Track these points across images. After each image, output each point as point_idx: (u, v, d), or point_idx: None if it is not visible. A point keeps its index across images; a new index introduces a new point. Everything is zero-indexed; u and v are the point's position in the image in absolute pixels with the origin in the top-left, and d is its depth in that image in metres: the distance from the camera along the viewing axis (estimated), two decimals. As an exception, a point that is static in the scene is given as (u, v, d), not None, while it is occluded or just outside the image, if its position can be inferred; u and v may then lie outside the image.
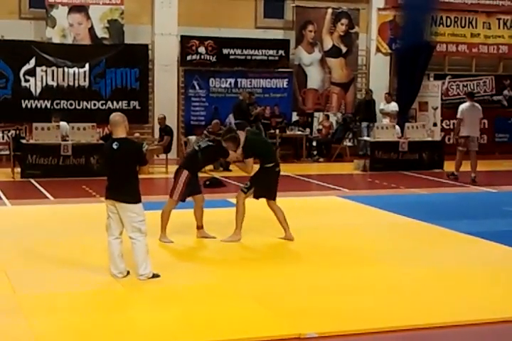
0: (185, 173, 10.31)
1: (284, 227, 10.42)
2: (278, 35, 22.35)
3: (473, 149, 17.67)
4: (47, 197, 14.38)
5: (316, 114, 22.84)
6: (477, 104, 17.89)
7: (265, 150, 10.55)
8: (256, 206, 10.55)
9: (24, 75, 19.74)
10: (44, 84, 19.88)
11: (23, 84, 19.75)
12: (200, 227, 10.58)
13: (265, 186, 10.31)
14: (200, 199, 10.52)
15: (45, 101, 19.90)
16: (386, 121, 21.32)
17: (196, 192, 10.50)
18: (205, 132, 19.01)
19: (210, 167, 17.04)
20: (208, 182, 15.05)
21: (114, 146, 8.37)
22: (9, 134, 19.28)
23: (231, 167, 18.40)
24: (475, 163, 17.63)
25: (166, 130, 18.83)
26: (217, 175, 17.01)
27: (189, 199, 10.51)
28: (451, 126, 23.04)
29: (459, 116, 17.68)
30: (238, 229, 10.29)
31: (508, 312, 7.39)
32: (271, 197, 10.40)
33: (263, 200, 10.42)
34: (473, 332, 7.03)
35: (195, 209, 10.55)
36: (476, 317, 7.27)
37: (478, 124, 17.88)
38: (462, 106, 17.75)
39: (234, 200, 13.17)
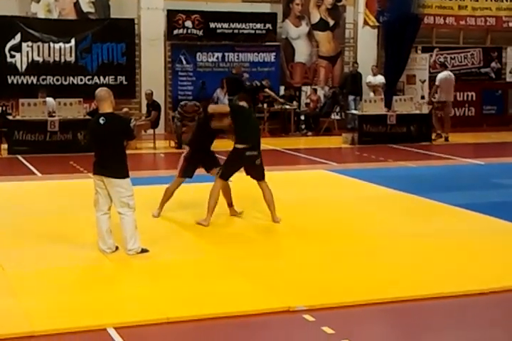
0: (186, 149, 10.38)
1: (269, 209, 10.12)
2: (265, 8, 22.20)
3: (448, 112, 20.05)
4: (34, 173, 14.34)
5: (303, 88, 22.78)
6: (451, 73, 20.37)
7: (248, 124, 10.10)
8: (247, 185, 10.46)
9: (10, 51, 19.56)
10: (30, 59, 19.72)
11: (9, 59, 19.58)
12: (230, 205, 10.45)
13: (232, 167, 9.95)
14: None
15: (31, 77, 19.75)
16: (372, 94, 21.30)
17: (213, 166, 10.28)
18: (178, 110, 18.89)
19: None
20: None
21: (101, 121, 8.33)
22: (-5, 110, 19.16)
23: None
24: (448, 125, 20.04)
25: (153, 105, 18.75)
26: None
27: (200, 174, 10.49)
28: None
29: (437, 83, 19.90)
30: (208, 214, 9.86)
31: (498, 283, 7.43)
32: (253, 177, 10.05)
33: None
34: (461, 302, 7.07)
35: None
36: (465, 288, 7.31)
37: (453, 91, 20.25)
38: (440, 75, 19.99)
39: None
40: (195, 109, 18.44)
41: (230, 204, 10.48)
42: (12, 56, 19.61)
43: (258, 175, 10.08)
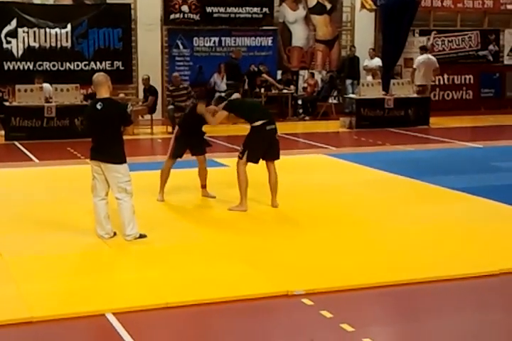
0: (176, 129, 10.50)
1: (271, 193, 10.11)
2: (262, -8, 22.10)
3: (427, 95, 20.09)
4: (32, 160, 14.31)
5: (301, 72, 22.72)
6: (432, 56, 20.51)
7: (249, 108, 10.13)
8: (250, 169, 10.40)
9: (6, 37, 19.49)
10: (26, 45, 19.65)
11: (5, 45, 19.51)
12: (203, 187, 10.73)
13: (257, 147, 9.84)
14: (201, 159, 10.59)
15: (28, 63, 19.68)
16: (369, 78, 21.25)
17: (198, 152, 10.56)
18: (167, 92, 18.97)
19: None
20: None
21: (98, 106, 8.31)
22: (-8, 97, 19.10)
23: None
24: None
25: (150, 90, 18.71)
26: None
27: (195, 159, 10.64)
28: (437, 82, 23.04)
29: (414, 66, 20.26)
30: (243, 199, 9.86)
31: (496, 266, 7.43)
32: (268, 157, 10.00)
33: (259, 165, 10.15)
34: (460, 285, 7.08)
35: (198, 169, 10.66)
36: (464, 272, 7.32)
37: (431, 74, 20.39)
38: (419, 58, 20.17)
39: (220, 160, 13.22)
40: (181, 82, 18.54)
41: (204, 186, 10.70)
42: (8, 42, 19.53)
43: (275, 154, 10.05)
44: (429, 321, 6.23)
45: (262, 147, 9.90)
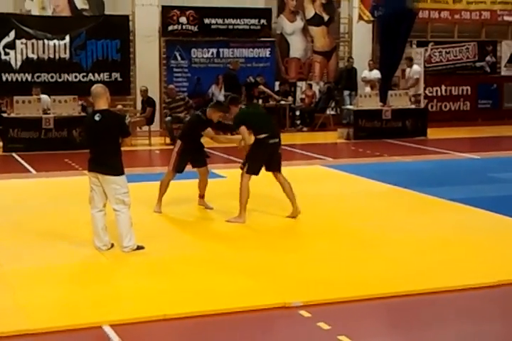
0: (178, 143, 10.45)
1: (290, 202, 10.08)
2: (260, 3, 22.19)
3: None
4: (29, 171, 14.31)
5: (298, 83, 22.76)
6: None
7: (255, 121, 10.05)
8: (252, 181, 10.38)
9: (4, 48, 19.51)
10: (24, 57, 19.67)
11: (3, 57, 19.53)
12: (201, 196, 10.78)
13: (258, 159, 9.86)
14: (204, 171, 10.63)
15: (26, 75, 19.70)
16: (368, 89, 21.29)
17: (199, 164, 10.58)
18: (164, 105, 19.07)
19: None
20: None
21: (96, 118, 8.32)
22: (-10, 108, 19.10)
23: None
24: None
25: (148, 102, 18.74)
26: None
27: (193, 170, 10.66)
28: (435, 94, 23.10)
29: (417, 76, 20.72)
30: (242, 212, 9.86)
31: (494, 277, 7.43)
32: (270, 169, 10.06)
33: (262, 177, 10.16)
34: (458, 297, 7.07)
35: (199, 181, 10.69)
36: (462, 283, 7.31)
37: None
38: (416, 68, 20.82)
39: (218, 171, 13.22)
40: (177, 93, 18.61)
41: (202, 196, 10.75)
42: (6, 53, 19.56)
43: (278, 166, 10.08)
44: (427, 333, 6.22)
45: (262, 160, 9.93)
